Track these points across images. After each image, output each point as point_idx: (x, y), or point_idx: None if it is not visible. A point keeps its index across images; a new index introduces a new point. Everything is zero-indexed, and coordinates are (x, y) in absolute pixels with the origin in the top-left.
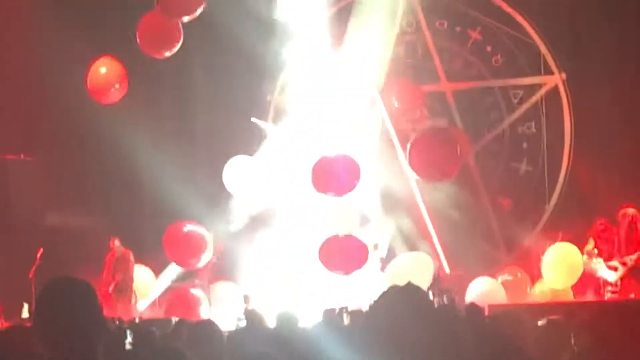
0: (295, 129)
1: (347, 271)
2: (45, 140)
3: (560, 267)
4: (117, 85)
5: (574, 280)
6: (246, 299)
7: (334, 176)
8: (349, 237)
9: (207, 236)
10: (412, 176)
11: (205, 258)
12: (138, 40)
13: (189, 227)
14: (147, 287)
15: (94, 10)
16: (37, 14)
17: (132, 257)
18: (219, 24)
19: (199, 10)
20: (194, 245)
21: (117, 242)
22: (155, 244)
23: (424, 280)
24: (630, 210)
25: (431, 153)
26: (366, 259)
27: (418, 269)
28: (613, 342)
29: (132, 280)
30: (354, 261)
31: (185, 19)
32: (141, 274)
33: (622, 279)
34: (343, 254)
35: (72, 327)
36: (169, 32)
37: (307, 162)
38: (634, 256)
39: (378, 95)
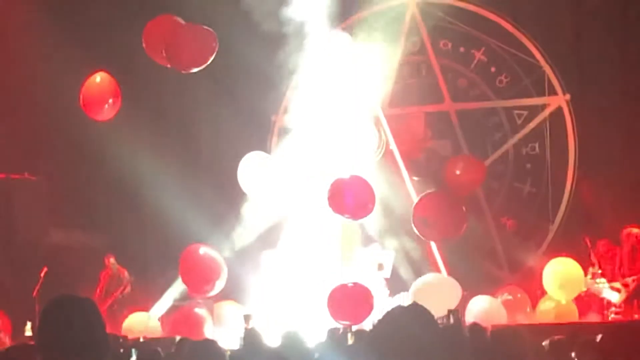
0: (299, 148)
1: (356, 322)
2: (49, 160)
3: (559, 279)
4: (110, 100)
5: (575, 293)
6: (247, 318)
7: (348, 199)
8: (356, 286)
9: (222, 262)
10: (415, 194)
11: (220, 285)
12: (144, 45)
13: (205, 251)
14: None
15: (96, 27)
16: (40, 33)
17: (127, 275)
18: (222, 43)
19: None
20: (210, 272)
21: (112, 260)
22: (158, 261)
23: (449, 303)
24: (635, 230)
25: (437, 219)
26: (373, 307)
27: (443, 291)
28: None
29: (126, 298)
30: (362, 311)
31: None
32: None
33: (625, 300)
34: (351, 304)
35: (75, 345)
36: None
37: (311, 181)
38: (636, 277)
39: (382, 115)
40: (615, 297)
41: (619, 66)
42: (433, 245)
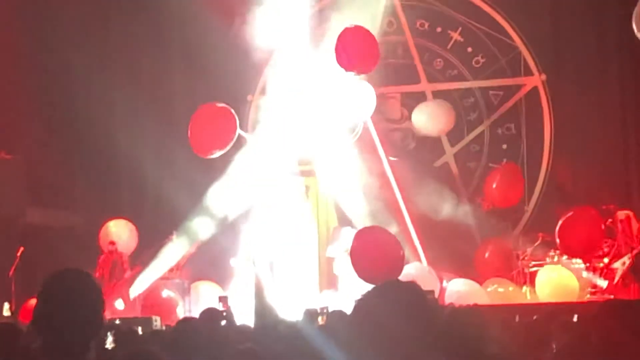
0: (275, 128)
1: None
2: (26, 139)
3: (556, 287)
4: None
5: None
6: (222, 299)
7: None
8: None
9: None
10: (392, 174)
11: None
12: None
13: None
14: None
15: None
16: (24, 11)
17: (127, 259)
18: (199, 21)
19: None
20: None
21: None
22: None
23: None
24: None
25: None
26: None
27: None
28: (593, 342)
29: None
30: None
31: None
32: None
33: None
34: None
35: (72, 320)
36: None
37: (286, 159)
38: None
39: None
40: (594, 278)
41: (595, 46)
42: (410, 225)
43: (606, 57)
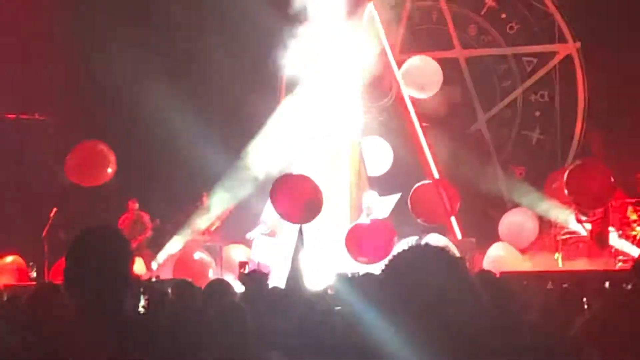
0: (308, 96)
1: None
2: (60, 100)
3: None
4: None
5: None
6: (242, 264)
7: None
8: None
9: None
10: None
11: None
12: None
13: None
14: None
15: None
16: None
17: (148, 219)
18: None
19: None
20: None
21: (135, 205)
22: (168, 205)
23: None
24: None
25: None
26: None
27: None
28: (625, 309)
29: (147, 242)
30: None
31: None
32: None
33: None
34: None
35: (101, 275)
36: None
37: (318, 127)
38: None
39: (393, 61)
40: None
41: (630, 13)
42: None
43: None
